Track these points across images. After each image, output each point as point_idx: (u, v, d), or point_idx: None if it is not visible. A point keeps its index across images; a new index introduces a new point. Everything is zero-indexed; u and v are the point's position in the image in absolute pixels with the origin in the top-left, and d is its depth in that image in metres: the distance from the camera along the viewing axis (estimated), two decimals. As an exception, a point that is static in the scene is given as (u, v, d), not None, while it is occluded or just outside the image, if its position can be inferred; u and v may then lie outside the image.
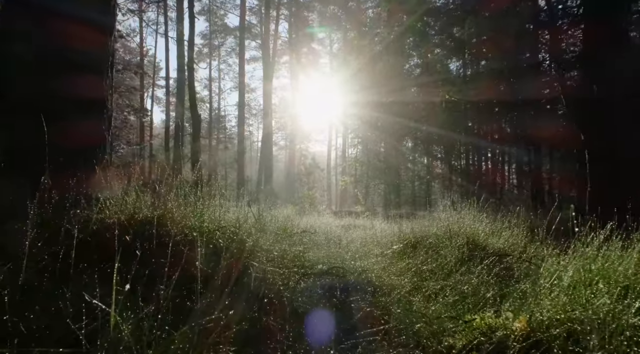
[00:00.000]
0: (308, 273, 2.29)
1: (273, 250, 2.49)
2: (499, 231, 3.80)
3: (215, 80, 32.05)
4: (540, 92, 20.18)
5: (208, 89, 30.48)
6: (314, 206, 15.12)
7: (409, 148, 21.90)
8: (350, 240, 4.49)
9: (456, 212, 4.73)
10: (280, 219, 5.20)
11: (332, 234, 4.86)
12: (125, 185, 2.75)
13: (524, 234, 3.66)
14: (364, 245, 4.29)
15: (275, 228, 4.23)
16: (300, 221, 6.88)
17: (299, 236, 3.68)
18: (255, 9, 26.15)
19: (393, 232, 5.97)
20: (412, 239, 4.12)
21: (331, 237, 4.58)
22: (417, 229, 4.78)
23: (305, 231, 3.97)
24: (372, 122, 23.10)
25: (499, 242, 3.47)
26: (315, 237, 4.07)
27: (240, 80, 23.60)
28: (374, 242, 5.00)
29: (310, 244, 3.47)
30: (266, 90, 24.38)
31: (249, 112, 33.00)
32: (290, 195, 22.69)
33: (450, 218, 4.46)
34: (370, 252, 3.96)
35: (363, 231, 7.05)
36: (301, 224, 5.48)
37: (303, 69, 27.11)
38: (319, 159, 28.46)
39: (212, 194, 3.66)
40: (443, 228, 4.00)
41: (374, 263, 2.90)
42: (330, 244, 3.91)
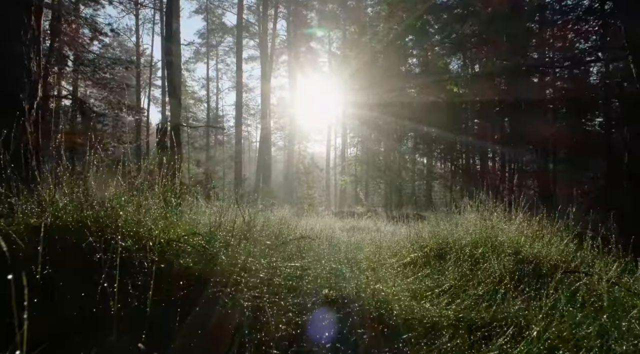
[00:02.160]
0: (307, 306, 1.55)
1: (260, 269, 1.75)
2: (543, 238, 3.05)
3: (213, 80, 31.29)
4: (542, 92, 19.59)
5: (206, 89, 29.72)
6: (313, 206, 14.39)
7: (409, 148, 21.21)
8: (357, 246, 3.74)
9: (480, 213, 4.00)
10: (275, 222, 4.45)
11: (335, 239, 4.11)
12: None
13: (573, 242, 2.94)
14: (375, 252, 3.55)
15: (268, 233, 3.49)
16: (298, 223, 6.13)
17: (297, 243, 2.94)
18: (253, 7, 25.41)
19: (404, 236, 5.24)
20: (434, 246, 3.37)
21: (335, 243, 3.84)
22: (434, 233, 4.04)
23: (304, 236, 3.23)
24: (371, 121, 22.41)
25: (550, 252, 2.73)
26: (316, 243, 3.33)
27: (238, 80, 22.84)
28: (385, 247, 4.27)
29: (310, 255, 2.73)
30: (264, 90, 23.63)
31: (247, 112, 32.20)
32: (289, 195, 21.95)
33: (477, 221, 3.72)
34: (385, 263, 3.22)
35: (368, 234, 6.30)
36: (299, 228, 4.72)
37: (302, 69, 26.38)
38: (318, 159, 27.71)
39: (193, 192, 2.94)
40: (473, 233, 3.25)
41: (397, 284, 2.15)
42: (334, 253, 3.17)
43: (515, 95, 17.50)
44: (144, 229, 1.64)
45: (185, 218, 2.61)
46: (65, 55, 12.24)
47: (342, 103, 23.97)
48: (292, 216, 10.25)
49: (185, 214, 2.64)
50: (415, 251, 3.45)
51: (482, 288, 2.08)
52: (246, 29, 25.61)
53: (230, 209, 4.48)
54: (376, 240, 5.14)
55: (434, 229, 4.57)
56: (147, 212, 1.83)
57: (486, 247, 2.79)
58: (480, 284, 2.13)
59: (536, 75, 19.07)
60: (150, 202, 2.03)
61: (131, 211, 1.73)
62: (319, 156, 31.17)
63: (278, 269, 1.83)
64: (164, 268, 1.42)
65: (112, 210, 1.65)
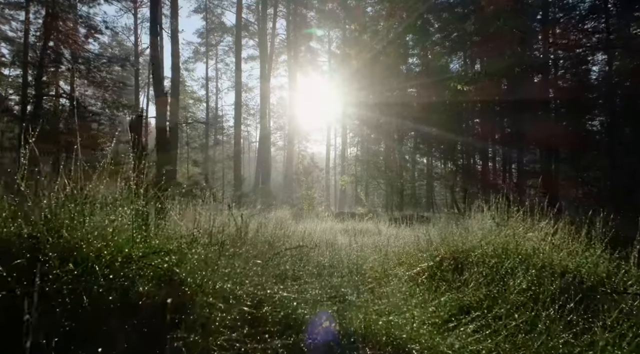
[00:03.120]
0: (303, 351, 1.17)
1: (244, 296, 1.37)
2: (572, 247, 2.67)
3: (212, 79, 30.90)
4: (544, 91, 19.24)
5: (205, 89, 29.33)
6: (312, 206, 13.99)
7: (409, 148, 20.85)
8: (361, 255, 3.37)
9: (493, 218, 3.62)
10: (272, 227, 4.08)
11: (335, 246, 3.73)
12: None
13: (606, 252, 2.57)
14: (381, 261, 3.17)
15: (263, 240, 3.12)
16: (296, 227, 5.76)
17: (292, 255, 2.57)
18: (252, 6, 25.02)
19: (409, 240, 4.86)
20: (446, 254, 3.00)
21: (336, 249, 3.46)
22: (444, 238, 3.66)
23: (302, 246, 2.86)
24: (371, 121, 22.05)
25: (586, 265, 2.35)
26: (315, 253, 2.96)
27: (237, 80, 22.43)
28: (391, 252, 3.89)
29: (309, 269, 2.35)
30: (263, 89, 23.26)
31: (246, 112, 31.82)
32: (288, 195, 21.57)
33: (491, 227, 3.34)
34: (392, 273, 2.84)
35: (370, 237, 5.93)
36: (297, 233, 4.34)
37: (301, 68, 26.01)
38: (317, 159, 27.32)
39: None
40: (492, 241, 2.87)
41: (411, 308, 1.77)
42: (336, 264, 2.80)
43: (517, 94, 17.16)
44: (94, 246, 1.26)
45: (166, 228, 2.23)
46: (60, 53, 11.87)
47: (342, 103, 23.62)
48: (291, 217, 9.87)
49: (166, 224, 2.26)
50: (426, 260, 3.08)
51: (514, 310, 1.70)
52: (245, 28, 25.23)
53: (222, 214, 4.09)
54: (380, 245, 4.77)
55: (442, 234, 4.20)
56: (108, 225, 1.45)
57: (510, 258, 2.42)
58: (512, 307, 1.76)
59: (538, 75, 18.73)
60: (117, 212, 1.66)
61: (81, 222, 1.36)
62: (319, 156, 30.81)
63: (264, 300, 1.44)
64: (108, 301, 1.05)
65: (54, 222, 1.28)
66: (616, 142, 15.74)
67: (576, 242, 2.77)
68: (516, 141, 18.57)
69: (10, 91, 16.95)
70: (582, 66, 17.72)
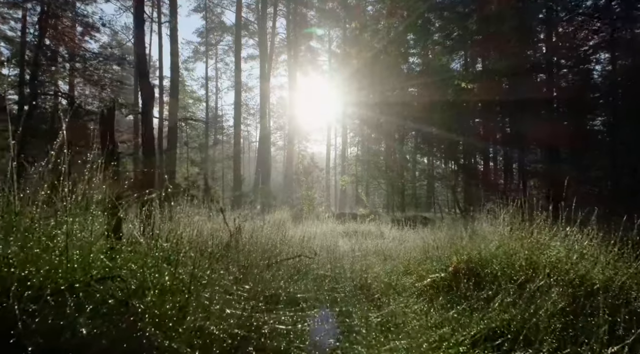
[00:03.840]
0: None
1: (223, 335, 1.05)
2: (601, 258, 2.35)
3: (212, 79, 30.57)
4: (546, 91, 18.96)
5: (205, 88, 29.00)
6: (313, 207, 13.66)
7: (410, 148, 20.54)
8: (365, 264, 3.06)
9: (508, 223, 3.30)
10: (269, 230, 3.76)
11: (337, 252, 3.42)
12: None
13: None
14: (387, 271, 2.86)
15: (257, 247, 2.81)
16: (295, 230, 5.45)
17: (289, 267, 2.27)
18: (252, 5, 24.68)
19: (415, 245, 4.55)
20: (461, 264, 2.68)
21: (338, 256, 3.15)
22: (455, 245, 3.34)
23: (299, 255, 2.54)
24: (372, 121, 21.74)
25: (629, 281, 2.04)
26: (315, 263, 2.65)
27: (237, 80, 22.12)
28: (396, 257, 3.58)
29: (307, 284, 2.04)
30: (263, 89, 22.93)
31: (246, 112, 31.49)
32: (288, 196, 21.27)
33: (504, 232, 3.02)
34: (400, 284, 2.53)
35: (373, 241, 5.62)
36: (296, 237, 4.03)
37: (301, 68, 25.70)
38: (318, 159, 26.99)
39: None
40: (512, 250, 2.56)
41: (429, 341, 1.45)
42: (338, 275, 2.49)
43: (519, 94, 16.86)
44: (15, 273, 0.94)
45: (132, 243, 1.90)
46: (55, 51, 11.56)
47: (342, 102, 23.32)
48: (291, 219, 9.56)
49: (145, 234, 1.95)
50: (437, 270, 2.77)
51: (549, 336, 1.39)
52: (245, 28, 24.92)
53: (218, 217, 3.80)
54: (384, 250, 4.46)
55: (452, 239, 3.89)
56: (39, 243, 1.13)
57: (538, 272, 2.10)
58: (547, 332, 1.45)
59: (540, 74, 18.43)
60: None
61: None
62: (319, 156, 30.50)
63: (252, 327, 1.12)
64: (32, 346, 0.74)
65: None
66: (618, 141, 15.45)
67: (605, 251, 2.46)
68: (518, 140, 18.26)
69: (10, 91, 16.67)
70: (585, 65, 17.40)
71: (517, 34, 17.49)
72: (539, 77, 18.70)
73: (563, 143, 16.61)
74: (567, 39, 17.09)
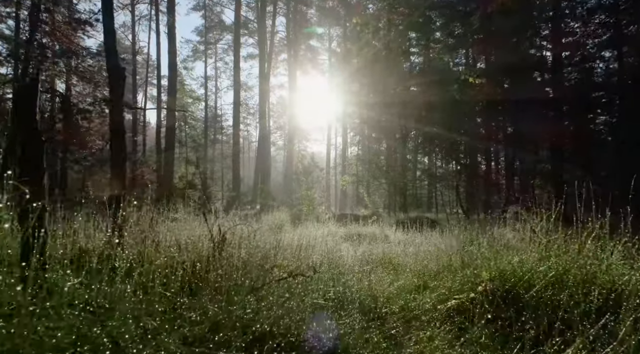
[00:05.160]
0: None
1: None
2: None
3: (211, 78, 30.05)
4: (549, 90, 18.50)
5: (204, 88, 28.46)
6: (312, 207, 13.12)
7: (411, 147, 20.04)
8: (376, 281, 2.54)
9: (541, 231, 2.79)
10: (262, 236, 3.25)
11: (341, 264, 2.90)
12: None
13: None
14: (403, 289, 2.35)
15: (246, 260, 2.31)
16: (293, 234, 4.93)
17: (282, 290, 1.76)
18: (252, 4, 24.16)
19: (427, 252, 4.05)
20: (490, 280, 2.17)
21: (341, 272, 2.64)
22: (481, 257, 2.83)
23: (297, 274, 2.03)
24: (372, 120, 21.26)
25: None
26: (314, 283, 2.14)
27: (236, 79, 21.61)
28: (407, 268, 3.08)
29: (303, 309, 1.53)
30: (262, 89, 22.41)
31: (246, 111, 30.97)
32: (288, 196, 20.75)
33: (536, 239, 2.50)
34: (417, 308, 2.02)
35: (377, 245, 5.10)
36: (294, 243, 3.51)
37: (301, 67, 25.20)
38: (318, 159, 26.49)
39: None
40: (560, 266, 2.04)
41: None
42: (342, 299, 1.99)
43: (521, 93, 16.37)
44: None
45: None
46: (46, 46, 11.04)
47: (343, 102, 22.83)
48: (289, 220, 9.05)
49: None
50: (462, 288, 2.26)
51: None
52: (245, 26, 24.42)
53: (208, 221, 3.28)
54: (392, 258, 3.94)
55: (467, 246, 3.38)
56: None
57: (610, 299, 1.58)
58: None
59: (544, 73, 17.96)
60: None
61: None
62: (319, 155, 29.97)
63: None
64: None
65: None
66: (623, 140, 14.95)
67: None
68: (521, 140, 17.76)
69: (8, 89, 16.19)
70: (590, 63, 16.90)
71: (520, 31, 17.03)
72: (543, 75, 18.23)
73: (567, 142, 16.13)
74: (572, 36, 16.61)
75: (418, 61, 22.35)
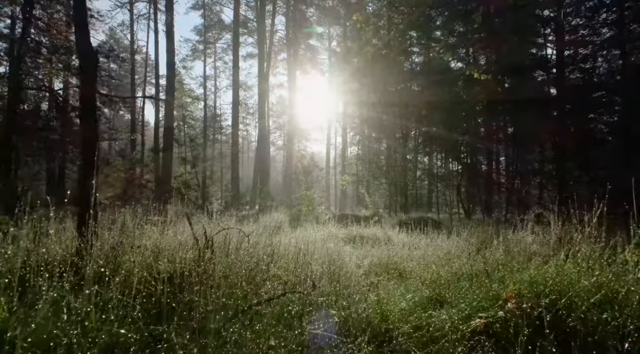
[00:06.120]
0: None
1: None
2: None
3: (211, 78, 29.69)
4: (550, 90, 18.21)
5: (203, 87, 28.10)
6: (312, 207, 12.77)
7: (412, 147, 19.73)
8: (385, 292, 2.21)
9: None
10: (255, 241, 2.91)
11: (345, 276, 2.56)
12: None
13: None
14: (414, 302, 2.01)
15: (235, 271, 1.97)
16: (292, 235, 4.60)
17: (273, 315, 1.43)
18: (251, 3, 23.83)
19: (436, 256, 3.72)
20: (521, 298, 1.82)
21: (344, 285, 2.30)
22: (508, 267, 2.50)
23: (293, 291, 1.69)
24: (372, 120, 20.94)
25: None
26: (314, 302, 1.80)
27: (235, 78, 21.26)
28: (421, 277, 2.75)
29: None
30: (262, 88, 22.05)
31: (245, 111, 30.60)
32: (288, 196, 20.42)
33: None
34: (445, 335, 1.69)
35: (380, 248, 4.77)
36: (292, 247, 3.17)
37: (301, 66, 24.85)
38: (317, 159, 26.14)
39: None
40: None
41: None
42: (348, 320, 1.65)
43: (523, 92, 16.06)
44: None
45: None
46: (40, 42, 10.69)
47: (343, 101, 22.51)
48: (288, 221, 8.70)
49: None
50: (484, 304, 1.93)
51: None
52: (244, 25, 24.07)
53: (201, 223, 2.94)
54: (398, 264, 3.61)
55: (479, 251, 3.05)
56: None
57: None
58: None
59: (549, 71, 17.65)
60: None
61: None
62: (319, 155, 29.62)
63: None
64: None
65: None
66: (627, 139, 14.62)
67: None
68: (522, 140, 17.44)
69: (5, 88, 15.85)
70: (593, 62, 16.58)
71: (522, 30, 16.72)
72: (548, 74, 17.93)
73: (570, 142, 15.81)
74: (576, 34, 16.29)
75: (418, 61, 22.05)
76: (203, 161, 22.46)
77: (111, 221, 3.00)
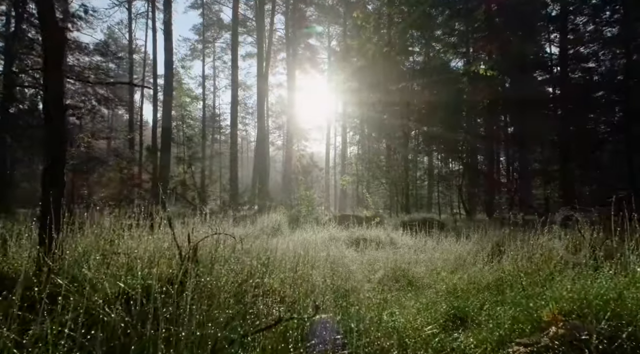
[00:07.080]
0: None
1: None
2: None
3: (210, 77, 29.35)
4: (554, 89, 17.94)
5: (202, 87, 27.76)
6: (312, 208, 12.42)
7: (412, 147, 19.42)
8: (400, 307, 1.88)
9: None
10: (248, 248, 2.57)
11: (349, 284, 2.23)
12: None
13: None
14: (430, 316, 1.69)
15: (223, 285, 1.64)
16: (290, 239, 4.27)
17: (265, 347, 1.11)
18: (250, 2, 23.49)
19: (442, 258, 3.40)
20: (566, 324, 1.50)
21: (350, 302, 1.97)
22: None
23: (290, 318, 1.36)
24: (372, 120, 20.64)
25: None
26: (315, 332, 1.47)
27: (233, 78, 20.91)
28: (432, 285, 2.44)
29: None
30: (261, 88, 21.71)
31: (245, 111, 30.27)
32: (287, 196, 20.07)
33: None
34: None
35: (385, 251, 4.44)
36: (289, 253, 2.83)
37: (300, 66, 24.54)
38: (317, 159, 25.82)
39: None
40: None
41: None
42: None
43: (523, 91, 15.76)
44: None
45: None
46: (33, 39, 10.35)
47: (342, 101, 22.19)
48: (287, 222, 8.36)
49: None
50: (526, 330, 1.60)
51: None
52: (243, 25, 23.74)
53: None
54: (405, 270, 3.28)
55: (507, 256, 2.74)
56: None
57: None
58: None
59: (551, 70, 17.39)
60: None
61: None
62: (319, 155, 29.28)
63: None
64: None
65: None
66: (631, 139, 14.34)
67: None
68: (524, 140, 17.14)
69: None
70: (595, 61, 16.28)
71: (524, 29, 16.45)
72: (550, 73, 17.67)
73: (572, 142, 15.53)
74: (577, 35, 16.02)
75: (419, 60, 21.75)
76: (202, 160, 22.12)
77: (92, 224, 2.66)
